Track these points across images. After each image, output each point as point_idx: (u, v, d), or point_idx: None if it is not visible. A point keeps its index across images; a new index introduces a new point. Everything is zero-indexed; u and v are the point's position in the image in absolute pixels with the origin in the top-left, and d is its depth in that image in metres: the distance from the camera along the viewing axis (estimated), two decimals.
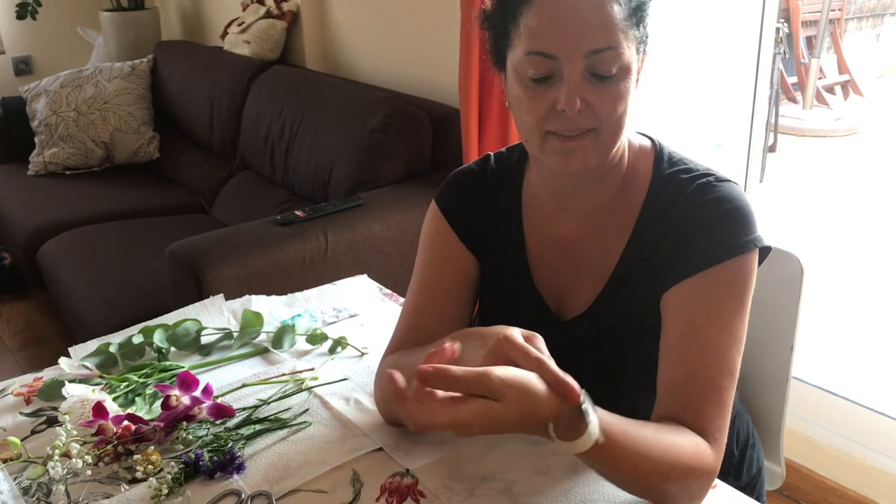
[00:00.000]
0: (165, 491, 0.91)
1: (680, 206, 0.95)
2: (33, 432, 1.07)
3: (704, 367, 0.89)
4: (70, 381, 1.11)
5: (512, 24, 0.91)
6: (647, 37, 0.92)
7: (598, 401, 0.80)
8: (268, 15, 3.12)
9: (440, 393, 0.72)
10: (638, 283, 0.98)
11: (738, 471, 1.15)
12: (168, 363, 1.20)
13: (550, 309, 1.04)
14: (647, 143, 1.03)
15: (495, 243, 1.07)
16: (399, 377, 0.73)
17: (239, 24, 3.25)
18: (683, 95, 2.25)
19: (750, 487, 1.17)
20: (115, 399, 1.08)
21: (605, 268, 1.00)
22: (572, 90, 0.87)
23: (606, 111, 0.89)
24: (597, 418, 0.76)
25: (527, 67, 0.89)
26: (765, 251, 0.94)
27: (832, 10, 5.67)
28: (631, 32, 0.89)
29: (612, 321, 0.98)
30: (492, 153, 1.11)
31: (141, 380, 1.14)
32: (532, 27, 0.88)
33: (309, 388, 1.13)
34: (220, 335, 1.28)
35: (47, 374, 1.21)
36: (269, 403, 1.09)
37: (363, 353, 1.23)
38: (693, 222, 0.93)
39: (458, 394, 0.71)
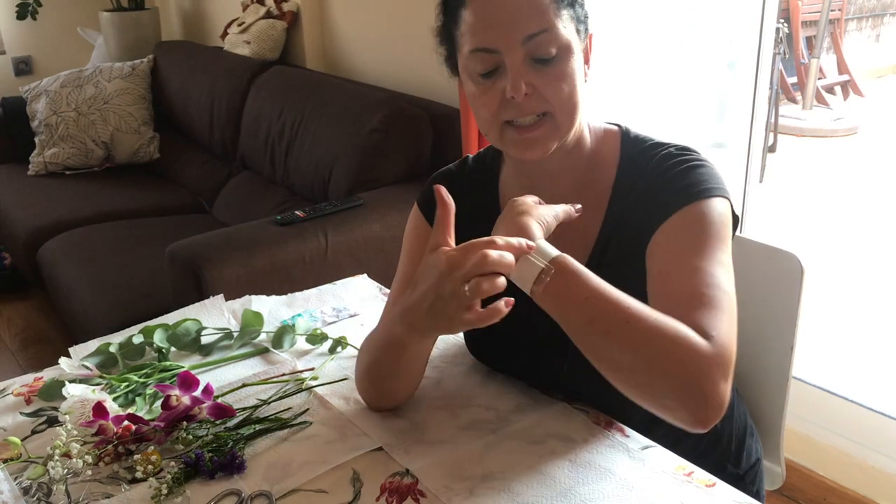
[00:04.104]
0: (165, 491, 0.91)
1: (647, 176, 1.00)
2: (33, 432, 1.07)
3: (685, 284, 0.88)
4: (70, 381, 1.11)
5: (455, 29, 0.98)
6: (585, 16, 0.98)
7: (593, 378, 0.85)
8: (268, 15, 3.12)
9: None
10: (618, 255, 1.00)
11: (737, 458, 1.16)
12: (168, 363, 1.20)
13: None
14: (614, 127, 1.07)
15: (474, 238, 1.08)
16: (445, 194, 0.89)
17: (239, 25, 3.25)
18: (683, 95, 2.25)
19: (750, 477, 1.17)
20: (115, 399, 1.08)
21: (584, 248, 1.02)
22: (516, 77, 0.92)
23: (554, 92, 0.93)
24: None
25: (474, 65, 0.95)
26: (734, 222, 0.97)
27: (832, 11, 5.67)
28: (565, 12, 0.93)
29: None
30: (470, 155, 1.17)
31: (141, 380, 1.15)
32: (471, 25, 0.94)
33: (309, 388, 1.13)
34: (220, 335, 1.28)
35: (47, 374, 1.21)
36: (269, 403, 1.09)
37: None
38: (659, 184, 0.97)
39: None
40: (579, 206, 0.93)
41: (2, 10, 3.95)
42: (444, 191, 0.89)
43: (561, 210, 0.93)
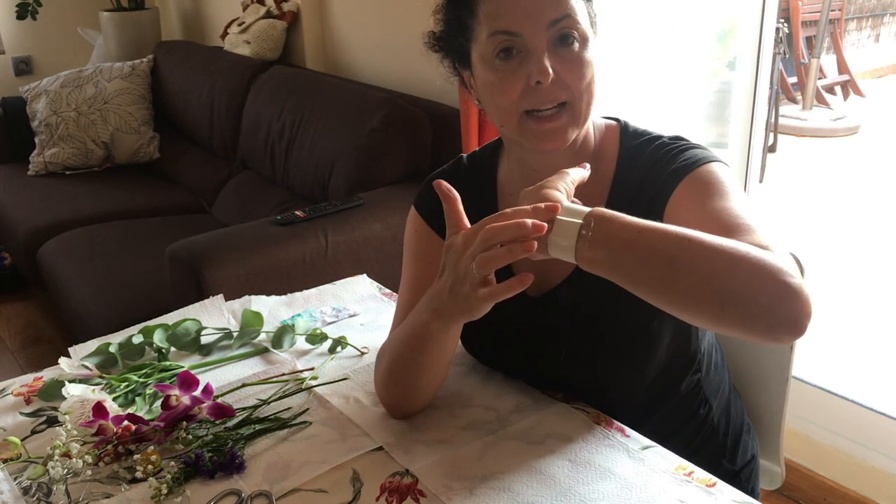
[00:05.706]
0: (165, 491, 0.91)
1: (643, 166, 1.00)
2: (33, 432, 1.07)
3: (716, 224, 0.87)
4: (70, 381, 1.11)
5: (469, 18, 0.97)
6: (595, 16, 0.99)
7: (592, 370, 0.85)
8: (268, 15, 3.12)
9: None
10: None
11: (732, 455, 1.16)
12: (168, 363, 1.20)
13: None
14: (613, 122, 1.08)
15: None
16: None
17: (239, 24, 3.25)
18: (683, 95, 2.25)
19: (745, 474, 1.17)
20: (115, 399, 1.08)
21: None
22: (542, 60, 0.92)
23: (575, 79, 0.94)
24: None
25: (493, 48, 0.94)
26: None
27: (832, 10, 5.67)
28: (584, 4, 0.96)
29: (594, 287, 0.93)
30: (464, 154, 1.16)
31: (141, 380, 1.15)
32: (491, 12, 0.94)
33: (309, 388, 1.13)
34: (219, 335, 1.28)
35: (47, 374, 1.21)
36: (269, 403, 1.09)
37: (363, 353, 1.23)
38: (657, 170, 0.98)
39: None
40: (587, 164, 0.90)
41: (2, 10, 3.95)
42: (444, 185, 0.88)
43: (570, 175, 0.88)
